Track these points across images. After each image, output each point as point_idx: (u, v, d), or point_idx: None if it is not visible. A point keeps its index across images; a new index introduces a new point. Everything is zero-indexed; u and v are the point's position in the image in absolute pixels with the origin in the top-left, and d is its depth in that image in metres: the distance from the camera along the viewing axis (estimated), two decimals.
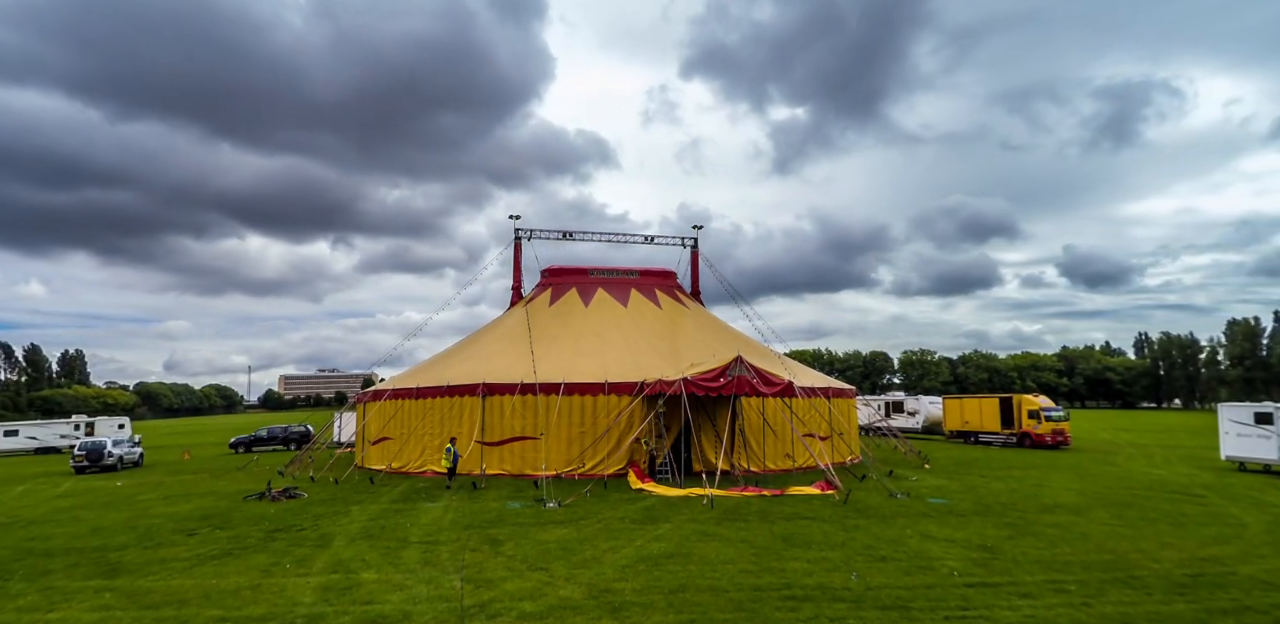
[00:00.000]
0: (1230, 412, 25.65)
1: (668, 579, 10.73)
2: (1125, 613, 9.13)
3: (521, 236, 34.98)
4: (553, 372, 24.30)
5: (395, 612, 9.28)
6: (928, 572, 11.12)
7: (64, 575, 11.65)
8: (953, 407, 41.41)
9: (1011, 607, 9.35)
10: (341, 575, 11.20)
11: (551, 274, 34.02)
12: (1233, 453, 25.30)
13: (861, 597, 9.78)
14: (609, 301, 31.47)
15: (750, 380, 20.96)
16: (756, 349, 29.21)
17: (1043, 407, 35.57)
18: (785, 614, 9.08)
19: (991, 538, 13.58)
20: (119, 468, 31.33)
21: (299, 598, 9.98)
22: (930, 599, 9.66)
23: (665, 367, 24.02)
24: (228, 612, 9.44)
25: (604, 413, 23.78)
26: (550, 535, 14.03)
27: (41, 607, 9.88)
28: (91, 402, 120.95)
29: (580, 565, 11.62)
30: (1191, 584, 10.43)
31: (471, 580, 10.76)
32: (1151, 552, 12.49)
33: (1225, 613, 9.14)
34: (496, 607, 9.46)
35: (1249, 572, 11.17)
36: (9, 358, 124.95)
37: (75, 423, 49.32)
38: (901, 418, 46.15)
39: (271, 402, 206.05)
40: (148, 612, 9.53)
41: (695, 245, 36.53)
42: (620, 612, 9.21)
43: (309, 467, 26.82)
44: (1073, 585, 10.35)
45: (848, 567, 11.41)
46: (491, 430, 24.07)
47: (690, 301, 34.62)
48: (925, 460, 27.61)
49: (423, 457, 24.96)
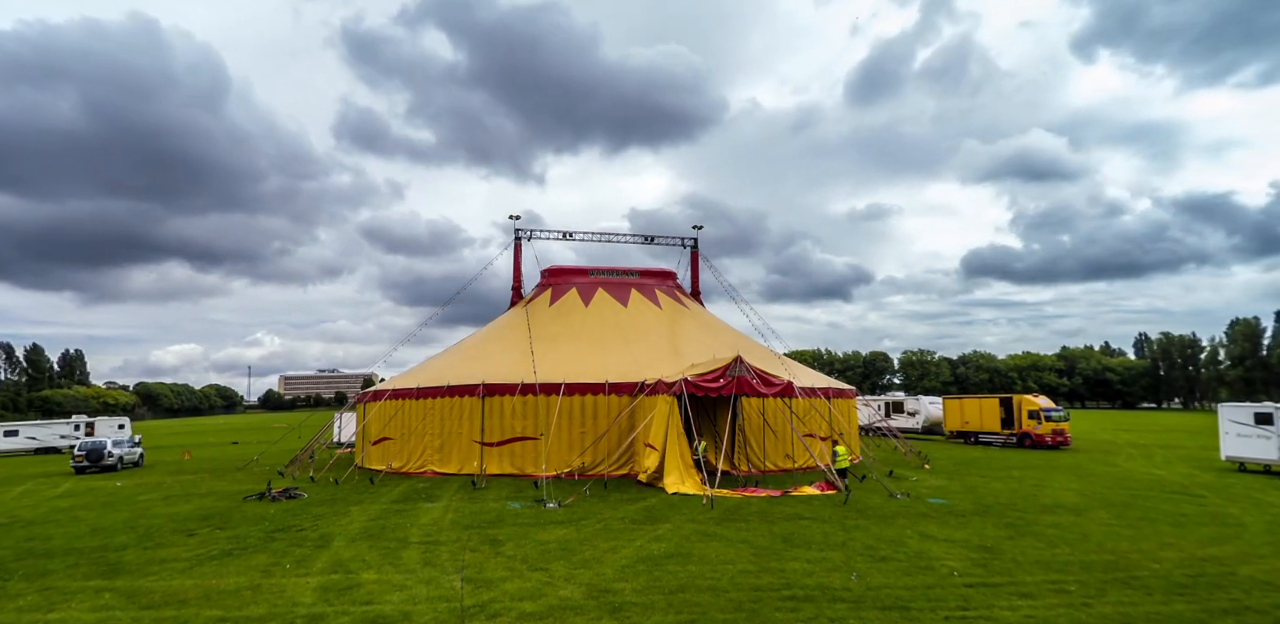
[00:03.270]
0: (1230, 412, 25.64)
1: (668, 579, 10.73)
2: (1125, 613, 9.13)
3: (521, 237, 35.00)
4: (553, 372, 24.30)
5: (395, 612, 9.29)
6: (928, 572, 11.12)
7: (64, 576, 11.65)
8: (953, 407, 41.40)
9: (1011, 607, 9.36)
10: (341, 576, 11.20)
11: (551, 274, 34.02)
12: (1233, 453, 25.29)
13: (862, 597, 9.78)
14: (609, 302, 31.48)
15: (750, 381, 20.96)
16: (756, 349, 29.22)
17: (1043, 407, 35.56)
18: (785, 614, 9.08)
19: (991, 538, 13.59)
20: (119, 468, 31.30)
21: (299, 598, 9.98)
22: (930, 599, 9.66)
23: (665, 367, 24.02)
24: (227, 612, 9.44)
25: (604, 413, 23.79)
26: (550, 536, 14.03)
27: (41, 607, 9.88)
28: (91, 402, 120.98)
29: (580, 566, 11.62)
30: (1191, 584, 10.43)
31: (471, 581, 10.76)
32: (1151, 552, 12.50)
33: (1225, 613, 9.14)
34: (496, 607, 9.46)
35: (1249, 572, 11.17)
36: (9, 358, 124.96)
37: (75, 423, 49.25)
38: (901, 418, 46.14)
39: (271, 402, 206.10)
40: (147, 612, 9.53)
41: (695, 245, 36.57)
42: (620, 612, 9.21)
43: (309, 467, 26.83)
44: (1073, 586, 10.36)
45: (848, 567, 11.41)
46: (491, 431, 24.07)
47: (690, 302, 34.63)
48: (925, 461, 27.61)
49: (423, 457, 24.97)
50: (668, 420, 20.79)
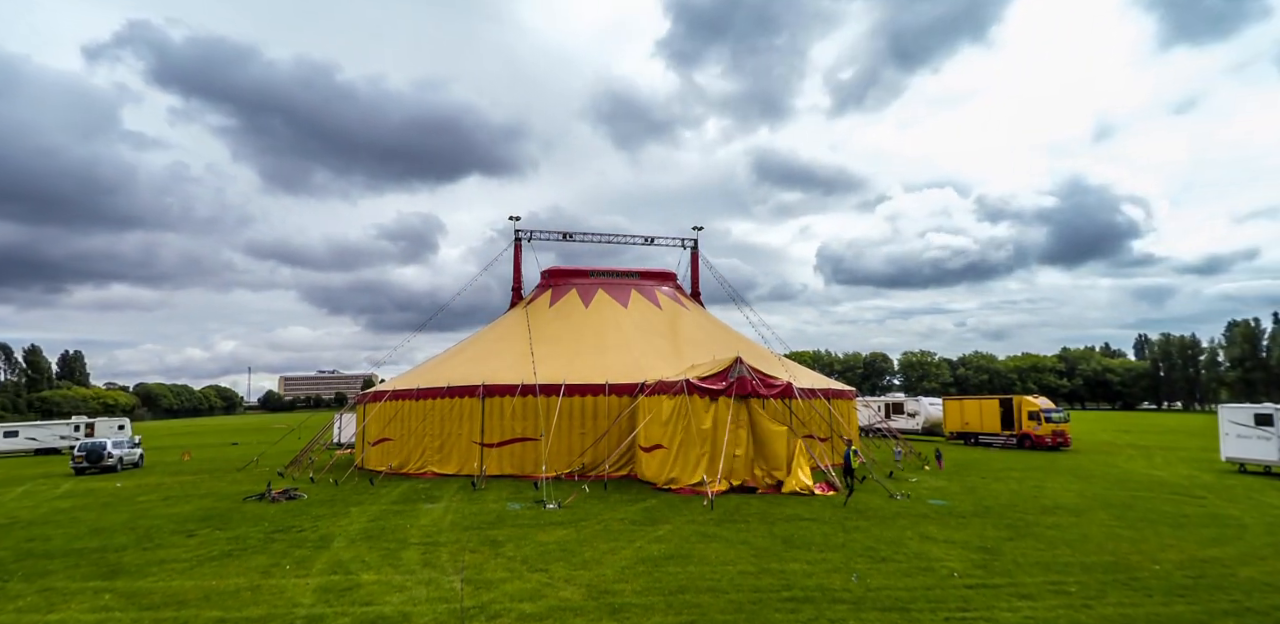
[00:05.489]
0: (1230, 413, 25.64)
1: (668, 580, 10.73)
2: (1125, 614, 9.13)
3: (521, 237, 34.99)
4: (553, 373, 24.30)
5: (395, 613, 9.28)
6: (928, 573, 11.11)
7: (64, 576, 11.65)
8: (953, 408, 41.38)
9: (1011, 608, 9.35)
10: (341, 576, 11.19)
11: (552, 275, 34.02)
12: (1233, 454, 25.28)
13: (862, 598, 9.77)
14: (609, 302, 31.49)
15: (751, 381, 20.95)
16: (756, 350, 29.22)
17: (1043, 408, 35.55)
18: (785, 616, 9.07)
19: (991, 539, 13.58)
20: (118, 469, 31.29)
21: (298, 599, 9.98)
22: (930, 601, 9.66)
23: (666, 368, 24.02)
24: (227, 613, 9.43)
25: (604, 414, 23.79)
26: (550, 537, 14.02)
27: (41, 608, 9.87)
28: (91, 402, 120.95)
29: (580, 567, 11.61)
30: (1192, 586, 10.42)
31: (471, 582, 10.75)
32: (1152, 553, 12.49)
33: (1226, 614, 9.14)
34: (496, 608, 9.46)
35: (1249, 573, 11.16)
36: (8, 359, 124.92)
37: (75, 424, 49.23)
38: (901, 419, 46.13)
39: (271, 403, 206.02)
40: (147, 613, 9.52)
41: (695, 246, 36.57)
42: (620, 613, 9.20)
43: (309, 468, 26.82)
44: (1073, 587, 10.35)
45: (848, 568, 11.40)
46: (491, 432, 24.06)
47: (690, 302, 34.63)
48: (925, 462, 27.60)
49: (423, 458, 24.96)
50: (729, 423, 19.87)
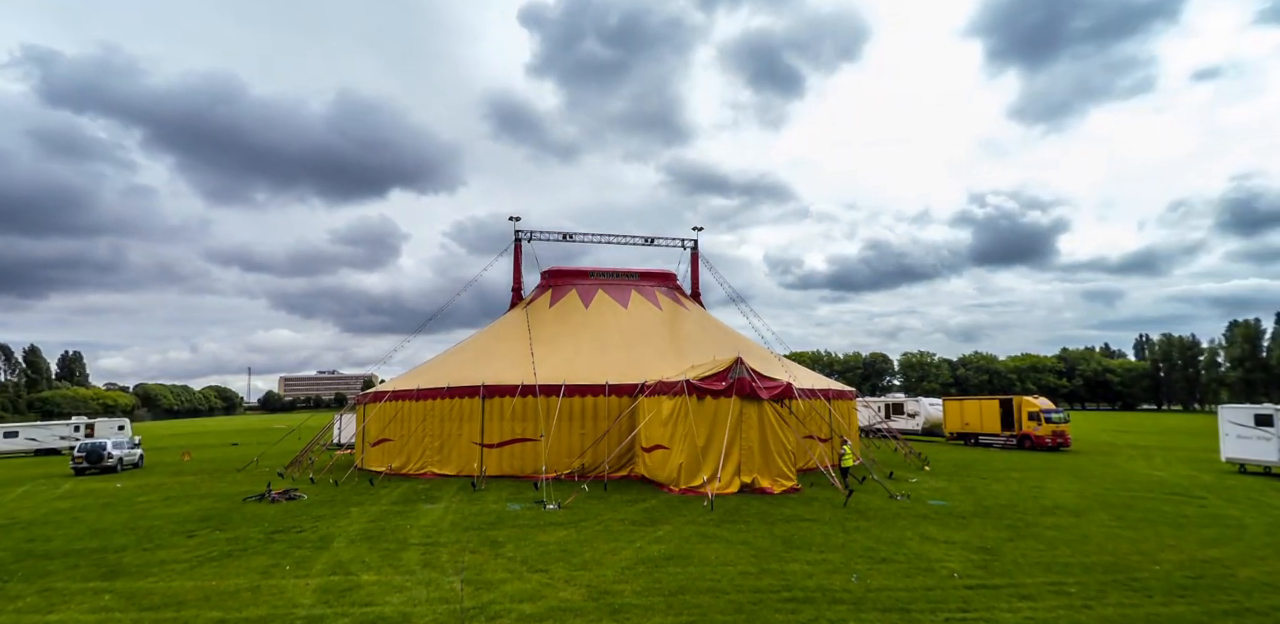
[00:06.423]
0: (1230, 413, 25.63)
1: (668, 581, 10.72)
2: (1125, 615, 9.13)
3: (521, 238, 34.98)
4: (553, 373, 24.30)
5: (395, 613, 9.28)
6: (928, 573, 11.11)
7: (63, 577, 11.64)
8: (953, 408, 41.38)
9: (1012, 609, 9.35)
10: (341, 577, 11.19)
11: (552, 276, 34.01)
12: (1233, 454, 25.28)
13: (862, 598, 9.77)
14: (609, 303, 31.49)
15: (751, 382, 20.95)
16: (756, 351, 29.21)
17: (1043, 408, 35.55)
18: (785, 616, 9.07)
19: (992, 540, 13.58)
20: (118, 469, 31.28)
21: (298, 600, 9.97)
22: (930, 601, 9.65)
23: (666, 368, 24.01)
24: (227, 613, 9.43)
25: (604, 414, 23.78)
26: (550, 537, 14.02)
27: (41, 608, 9.87)
28: (91, 403, 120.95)
29: (580, 567, 11.61)
30: (1192, 586, 10.42)
31: (471, 582, 10.75)
32: (1152, 554, 12.48)
33: (1226, 615, 9.14)
34: (496, 608, 9.45)
35: (1249, 574, 11.15)
36: (8, 359, 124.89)
37: (75, 424, 49.22)
38: (901, 420, 46.14)
39: (271, 403, 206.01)
40: (147, 613, 9.51)
41: (695, 247, 36.56)
42: (620, 614, 9.20)
43: (309, 468, 26.81)
44: (1073, 587, 10.35)
45: (848, 568, 11.40)
46: (491, 432, 24.06)
47: (690, 303, 34.62)
48: (925, 462, 27.59)
49: (423, 458, 24.96)
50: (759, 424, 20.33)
